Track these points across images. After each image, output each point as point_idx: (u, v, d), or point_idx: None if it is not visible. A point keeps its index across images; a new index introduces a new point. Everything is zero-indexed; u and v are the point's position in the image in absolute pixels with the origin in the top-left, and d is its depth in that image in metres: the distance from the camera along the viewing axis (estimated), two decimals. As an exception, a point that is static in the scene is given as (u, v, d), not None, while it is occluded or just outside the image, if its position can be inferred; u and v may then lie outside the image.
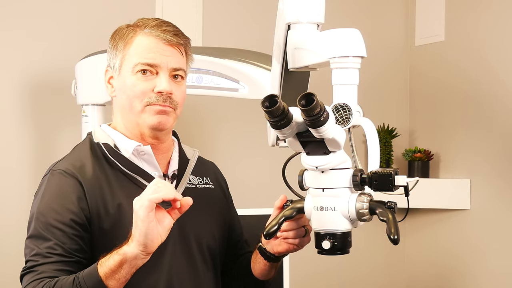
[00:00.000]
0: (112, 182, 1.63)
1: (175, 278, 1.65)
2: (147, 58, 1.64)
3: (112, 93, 1.72)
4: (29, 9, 2.68)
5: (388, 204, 1.47)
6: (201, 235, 1.71)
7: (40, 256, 1.54)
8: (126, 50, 1.67)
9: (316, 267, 3.12)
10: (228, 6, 3.06)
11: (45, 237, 1.55)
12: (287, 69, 1.67)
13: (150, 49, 1.64)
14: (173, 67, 1.66)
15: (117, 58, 1.69)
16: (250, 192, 2.97)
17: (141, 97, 1.64)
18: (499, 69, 3.00)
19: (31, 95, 2.69)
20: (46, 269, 1.52)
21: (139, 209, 1.43)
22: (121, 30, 1.70)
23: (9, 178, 2.65)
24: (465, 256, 3.13)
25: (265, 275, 1.77)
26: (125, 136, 1.69)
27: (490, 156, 3.02)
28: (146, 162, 1.68)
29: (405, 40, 3.44)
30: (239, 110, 2.97)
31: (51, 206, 1.58)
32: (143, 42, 1.65)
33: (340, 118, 1.49)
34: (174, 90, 1.66)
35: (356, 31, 1.52)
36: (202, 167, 1.82)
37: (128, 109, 1.67)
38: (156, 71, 1.65)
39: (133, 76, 1.65)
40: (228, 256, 1.84)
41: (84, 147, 1.69)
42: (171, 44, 1.66)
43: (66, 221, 1.56)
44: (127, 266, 1.46)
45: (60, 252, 1.54)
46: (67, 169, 1.62)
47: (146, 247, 1.44)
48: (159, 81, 1.64)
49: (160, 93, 1.64)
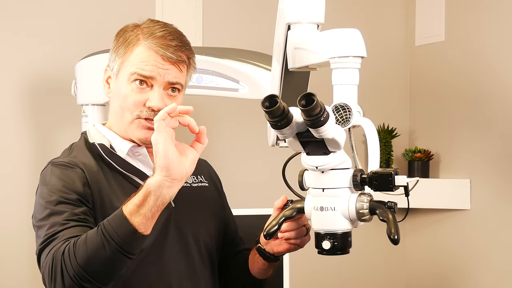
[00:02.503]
0: (111, 181, 1.63)
1: (173, 275, 1.65)
2: (144, 70, 1.63)
3: (108, 93, 1.72)
4: (29, 9, 2.68)
5: (388, 204, 1.47)
6: (198, 232, 1.71)
7: (58, 225, 1.49)
8: (125, 57, 1.66)
9: (316, 267, 3.12)
10: (228, 6, 3.06)
11: (58, 211, 1.52)
12: (287, 69, 1.67)
13: (148, 62, 1.63)
14: (170, 81, 1.65)
15: (116, 62, 1.68)
16: (250, 192, 2.97)
17: (132, 109, 1.64)
18: (499, 69, 3.00)
19: (31, 95, 2.69)
20: (67, 233, 1.47)
21: (155, 130, 1.40)
22: (126, 32, 1.69)
23: (9, 178, 2.65)
24: (465, 256, 3.13)
25: (263, 274, 1.78)
26: (119, 136, 1.69)
27: (490, 156, 3.02)
28: (141, 162, 1.69)
29: (405, 40, 3.44)
30: (239, 110, 2.97)
31: (58, 188, 1.56)
32: (143, 53, 1.64)
33: (340, 118, 1.49)
34: (167, 104, 1.65)
35: (356, 31, 1.52)
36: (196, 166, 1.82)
37: (120, 116, 1.67)
38: (151, 84, 1.64)
39: (128, 86, 1.64)
40: (224, 253, 1.84)
41: (81, 147, 1.69)
42: (170, 62, 1.64)
43: (74, 199, 1.54)
44: (152, 198, 1.39)
45: (77, 219, 1.51)
46: (71, 161, 1.62)
47: (169, 171, 1.40)
48: (152, 95, 1.63)
49: (151, 108, 1.63)
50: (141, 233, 1.40)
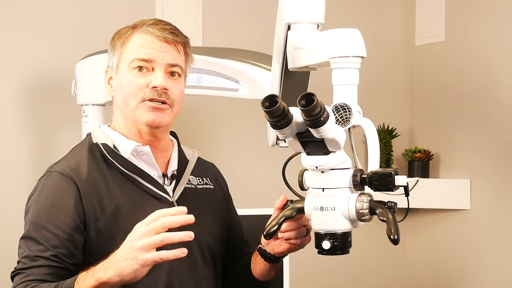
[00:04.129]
0: (110, 182, 1.63)
1: (174, 277, 1.65)
2: (142, 53, 1.65)
3: (111, 93, 1.73)
4: (29, 9, 2.68)
5: (388, 204, 1.47)
6: (201, 234, 1.70)
7: (29, 259, 1.56)
8: (123, 48, 1.69)
9: (316, 267, 3.12)
10: (228, 6, 3.07)
11: (37, 240, 1.56)
12: (287, 69, 1.67)
13: (146, 45, 1.66)
14: (169, 63, 1.67)
15: (114, 57, 1.71)
16: (250, 192, 2.97)
17: (136, 93, 1.65)
18: (499, 69, 3.00)
19: (31, 95, 2.69)
20: (34, 272, 1.54)
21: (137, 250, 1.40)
22: (120, 31, 1.73)
23: (9, 178, 2.65)
24: (465, 256, 3.13)
25: (265, 276, 1.78)
26: (124, 136, 1.70)
27: (490, 156, 3.02)
28: (145, 162, 1.69)
29: (405, 40, 3.44)
30: (239, 110, 2.97)
31: (47, 209, 1.59)
32: (139, 39, 1.67)
33: (340, 118, 1.49)
34: (170, 86, 1.67)
35: (356, 31, 1.52)
36: (202, 168, 1.83)
37: (124, 106, 1.68)
38: (152, 67, 1.66)
39: (129, 74, 1.66)
40: (228, 256, 1.84)
41: (82, 148, 1.70)
42: (167, 41, 1.67)
43: (60, 225, 1.57)
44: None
45: (49, 257, 1.55)
46: (64, 170, 1.63)
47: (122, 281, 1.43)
48: (155, 77, 1.65)
49: (155, 88, 1.64)
50: None
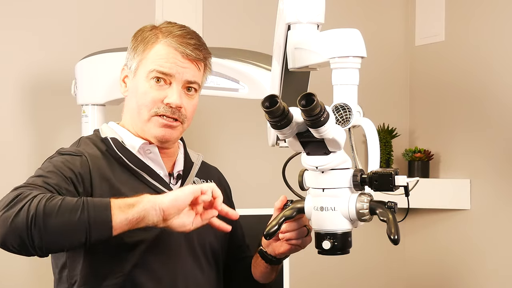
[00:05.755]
0: (117, 176, 1.63)
1: (179, 278, 1.65)
2: (163, 67, 1.65)
3: (124, 92, 1.73)
4: (29, 9, 2.68)
5: (388, 204, 1.47)
6: (203, 235, 1.71)
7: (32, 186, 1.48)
8: (144, 54, 1.68)
9: (316, 267, 3.12)
10: (228, 6, 3.06)
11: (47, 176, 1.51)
12: (287, 69, 1.67)
13: (167, 59, 1.65)
14: (188, 80, 1.67)
15: (134, 60, 1.70)
16: (250, 192, 2.97)
17: (150, 106, 1.65)
18: (499, 69, 3.00)
19: (31, 95, 2.68)
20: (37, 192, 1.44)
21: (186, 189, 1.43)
22: (144, 32, 1.71)
23: (9, 178, 2.65)
24: (465, 256, 3.13)
25: (266, 278, 1.78)
26: (132, 133, 1.70)
27: (490, 156, 3.02)
28: (152, 161, 1.69)
29: (405, 40, 3.44)
30: (239, 110, 2.97)
31: (57, 164, 1.56)
32: (162, 50, 1.66)
33: (340, 118, 1.49)
34: (185, 103, 1.67)
35: (356, 31, 1.52)
36: (206, 171, 1.84)
37: (136, 114, 1.68)
38: (170, 81, 1.66)
39: (146, 83, 1.66)
40: (229, 259, 1.84)
41: (90, 141, 1.69)
42: (189, 59, 1.66)
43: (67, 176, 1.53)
44: (140, 207, 1.40)
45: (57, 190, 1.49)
46: (77, 150, 1.62)
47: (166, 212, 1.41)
48: (171, 92, 1.65)
49: (169, 105, 1.65)
50: (111, 227, 1.38)
